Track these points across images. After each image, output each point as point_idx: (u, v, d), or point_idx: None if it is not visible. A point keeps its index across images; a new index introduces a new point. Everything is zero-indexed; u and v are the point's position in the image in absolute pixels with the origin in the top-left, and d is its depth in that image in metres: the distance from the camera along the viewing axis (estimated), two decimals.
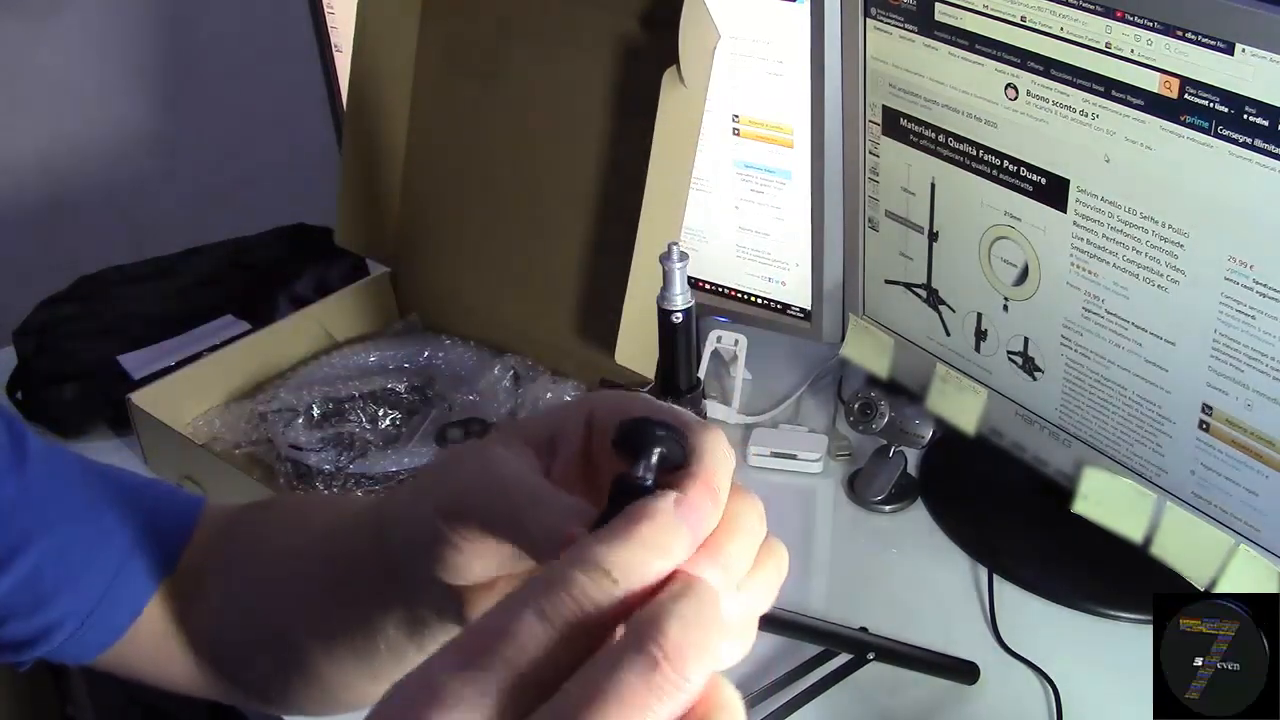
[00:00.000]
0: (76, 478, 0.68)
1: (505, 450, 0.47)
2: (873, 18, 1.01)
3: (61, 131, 1.86)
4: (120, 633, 0.67)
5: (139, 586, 0.67)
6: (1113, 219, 0.88)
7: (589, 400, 0.48)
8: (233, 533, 0.69)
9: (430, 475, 0.51)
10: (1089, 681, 0.93)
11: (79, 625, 0.66)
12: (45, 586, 0.65)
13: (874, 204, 1.09)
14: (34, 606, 0.65)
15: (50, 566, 0.65)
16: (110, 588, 0.66)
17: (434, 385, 1.23)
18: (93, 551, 0.66)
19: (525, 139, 1.19)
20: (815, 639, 0.92)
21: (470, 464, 0.48)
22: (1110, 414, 0.95)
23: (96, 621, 0.67)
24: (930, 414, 1.10)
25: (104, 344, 1.29)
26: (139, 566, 0.67)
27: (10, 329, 1.34)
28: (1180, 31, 0.79)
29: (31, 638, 0.66)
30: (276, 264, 1.41)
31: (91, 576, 0.66)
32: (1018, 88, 0.92)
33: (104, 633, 0.67)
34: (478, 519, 0.46)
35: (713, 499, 0.39)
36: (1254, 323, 0.82)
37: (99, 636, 0.67)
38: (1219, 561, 0.88)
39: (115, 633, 0.67)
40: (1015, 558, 1.04)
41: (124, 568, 0.67)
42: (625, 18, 1.09)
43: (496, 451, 0.47)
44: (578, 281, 1.17)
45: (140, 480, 0.71)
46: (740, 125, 1.15)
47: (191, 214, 1.89)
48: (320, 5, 1.41)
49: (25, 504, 0.65)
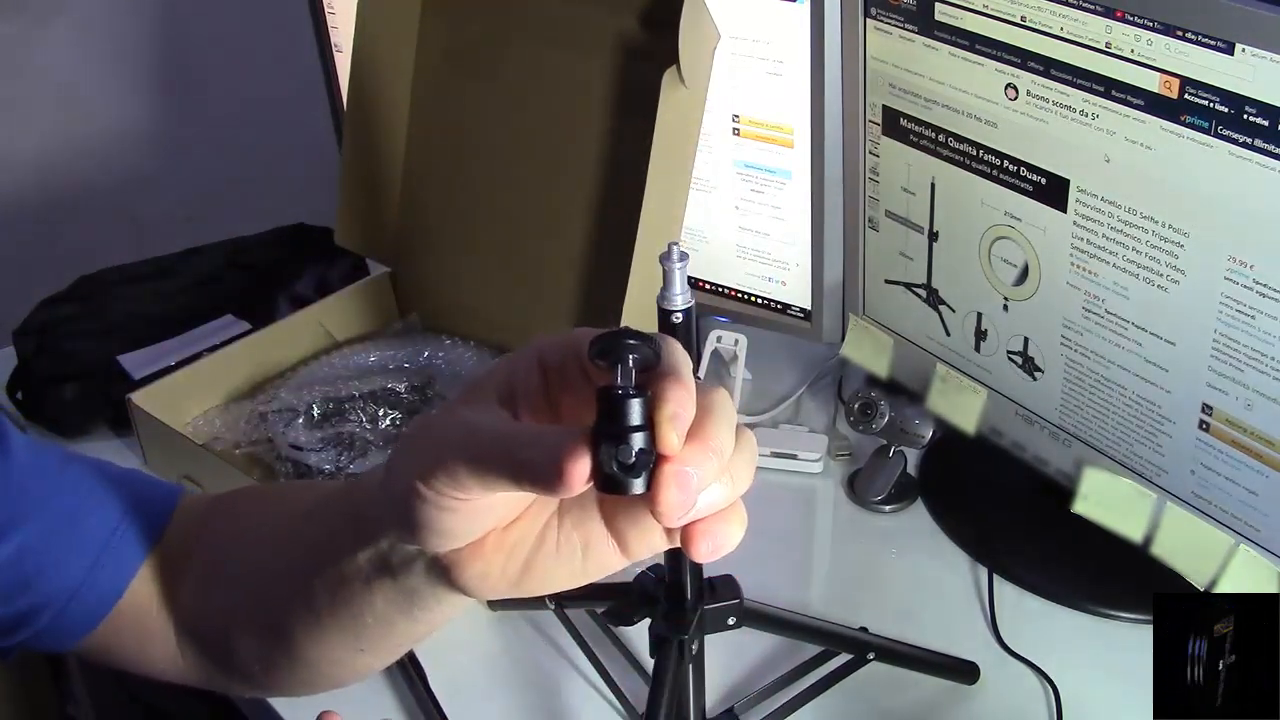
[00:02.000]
0: (55, 466, 0.68)
1: (475, 408, 0.48)
2: (873, 18, 1.01)
3: (61, 131, 1.86)
4: (103, 615, 0.67)
5: (121, 570, 0.68)
6: (1113, 219, 0.88)
7: (534, 346, 0.49)
8: (212, 518, 0.69)
9: (400, 455, 0.51)
10: (1089, 681, 0.93)
11: (62, 608, 0.67)
12: (28, 570, 0.65)
13: (874, 204, 1.09)
14: (17, 590, 0.65)
15: (32, 550, 0.65)
16: (92, 571, 0.67)
17: (434, 385, 1.23)
18: (74, 535, 0.67)
19: (525, 139, 1.19)
20: (815, 639, 0.92)
21: (444, 426, 0.48)
22: (1110, 414, 0.95)
23: (79, 604, 0.67)
24: (930, 414, 1.10)
25: (104, 344, 1.29)
26: (120, 550, 0.68)
27: (10, 329, 1.34)
28: (1180, 31, 0.79)
29: (14, 623, 0.66)
30: (276, 264, 1.41)
31: (74, 560, 0.67)
32: (1018, 88, 0.92)
33: (86, 616, 0.67)
34: (466, 469, 0.46)
35: (687, 390, 0.44)
36: (1254, 323, 0.82)
37: (82, 620, 0.68)
38: (1219, 561, 0.88)
39: (97, 616, 0.68)
40: (1015, 558, 1.04)
41: (106, 551, 0.67)
42: (625, 18, 1.09)
43: (466, 410, 0.48)
44: (578, 281, 1.17)
45: (118, 469, 0.71)
46: (740, 125, 1.15)
47: (191, 214, 1.89)
48: (320, 5, 1.41)
49: (5, 490, 0.65)
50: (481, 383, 0.49)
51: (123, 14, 1.86)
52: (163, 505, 0.70)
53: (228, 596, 0.65)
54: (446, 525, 0.48)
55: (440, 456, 0.47)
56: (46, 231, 1.87)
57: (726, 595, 0.83)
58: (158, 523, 0.69)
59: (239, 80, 1.92)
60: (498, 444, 0.45)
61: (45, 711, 1.62)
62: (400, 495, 0.48)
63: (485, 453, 0.45)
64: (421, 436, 0.49)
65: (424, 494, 0.47)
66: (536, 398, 0.48)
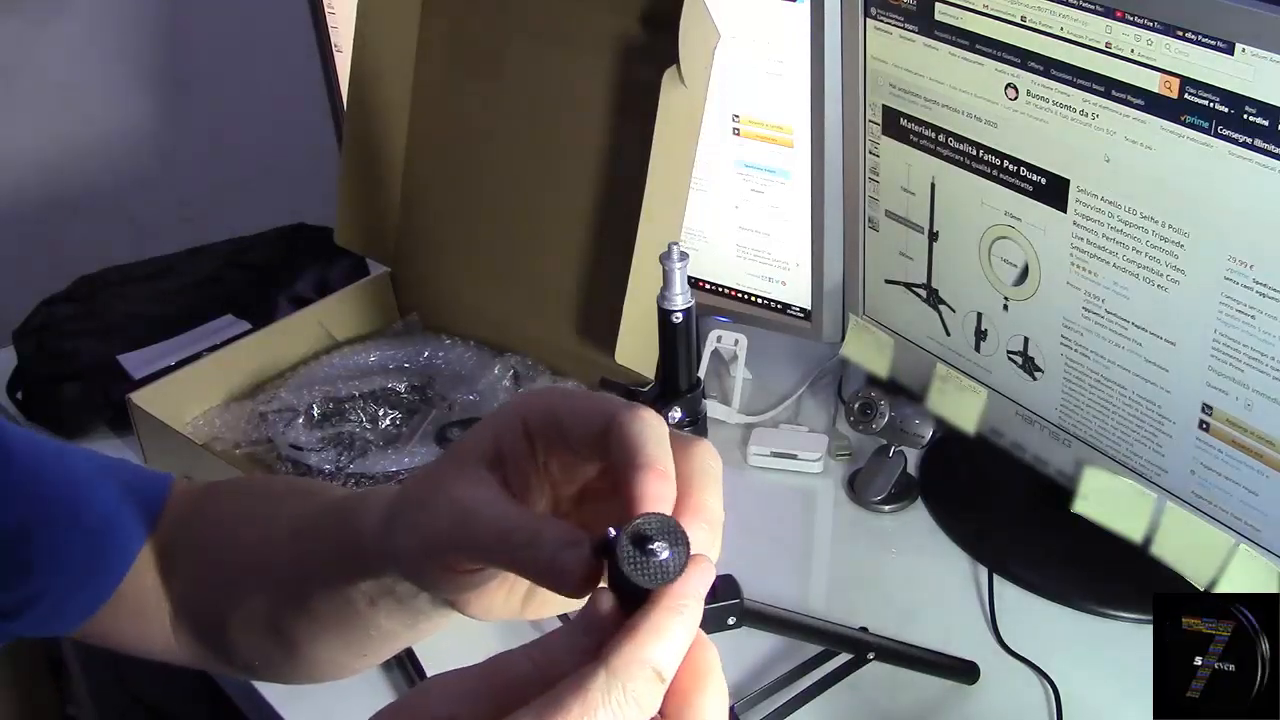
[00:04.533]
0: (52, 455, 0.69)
1: (467, 482, 0.47)
2: (873, 18, 1.01)
3: (61, 131, 1.86)
4: (104, 600, 0.68)
5: (121, 555, 0.68)
6: (1113, 219, 0.88)
7: (516, 410, 0.48)
8: (205, 509, 0.69)
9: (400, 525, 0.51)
10: (1089, 681, 0.93)
11: (63, 593, 0.67)
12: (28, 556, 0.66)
13: (874, 204, 1.09)
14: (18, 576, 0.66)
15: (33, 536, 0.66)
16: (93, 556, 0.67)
17: (434, 385, 1.23)
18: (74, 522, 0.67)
19: (525, 138, 1.19)
20: (815, 639, 0.92)
21: (441, 507, 0.48)
22: (1110, 414, 0.95)
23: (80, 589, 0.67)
24: (930, 414, 1.10)
25: (104, 344, 1.29)
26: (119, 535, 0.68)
27: (10, 329, 1.34)
28: (1180, 31, 0.79)
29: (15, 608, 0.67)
30: (276, 264, 1.41)
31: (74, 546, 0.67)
32: (1018, 88, 0.92)
33: (88, 601, 0.68)
34: (468, 557, 0.47)
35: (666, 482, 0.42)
36: (1254, 323, 0.82)
37: (83, 604, 0.68)
38: (1219, 561, 0.88)
39: (98, 601, 0.68)
40: (1015, 558, 1.04)
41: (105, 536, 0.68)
42: (625, 18, 1.09)
43: (462, 488, 0.47)
44: (578, 281, 1.17)
45: (109, 458, 0.72)
46: (740, 125, 1.15)
47: (191, 214, 1.89)
48: (320, 5, 1.41)
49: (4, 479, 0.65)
50: (468, 448, 0.49)
51: (123, 14, 1.86)
52: (156, 492, 0.70)
53: (223, 594, 0.66)
54: (451, 586, 0.50)
55: (441, 542, 0.48)
56: (46, 231, 1.87)
57: (726, 595, 0.83)
58: (154, 509, 0.70)
59: (239, 80, 1.91)
60: (497, 539, 0.45)
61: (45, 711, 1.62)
62: (405, 560, 0.50)
63: (482, 544, 0.46)
64: (421, 512, 0.49)
65: (426, 567, 0.49)
66: (524, 461, 0.48)
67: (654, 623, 0.39)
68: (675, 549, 0.41)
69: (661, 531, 0.41)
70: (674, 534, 0.41)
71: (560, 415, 0.47)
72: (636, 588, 0.40)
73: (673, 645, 0.39)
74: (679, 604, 0.40)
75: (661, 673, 0.39)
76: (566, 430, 0.47)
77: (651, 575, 0.41)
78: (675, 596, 0.40)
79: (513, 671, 0.41)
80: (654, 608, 0.40)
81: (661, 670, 0.39)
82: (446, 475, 0.48)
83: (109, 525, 0.68)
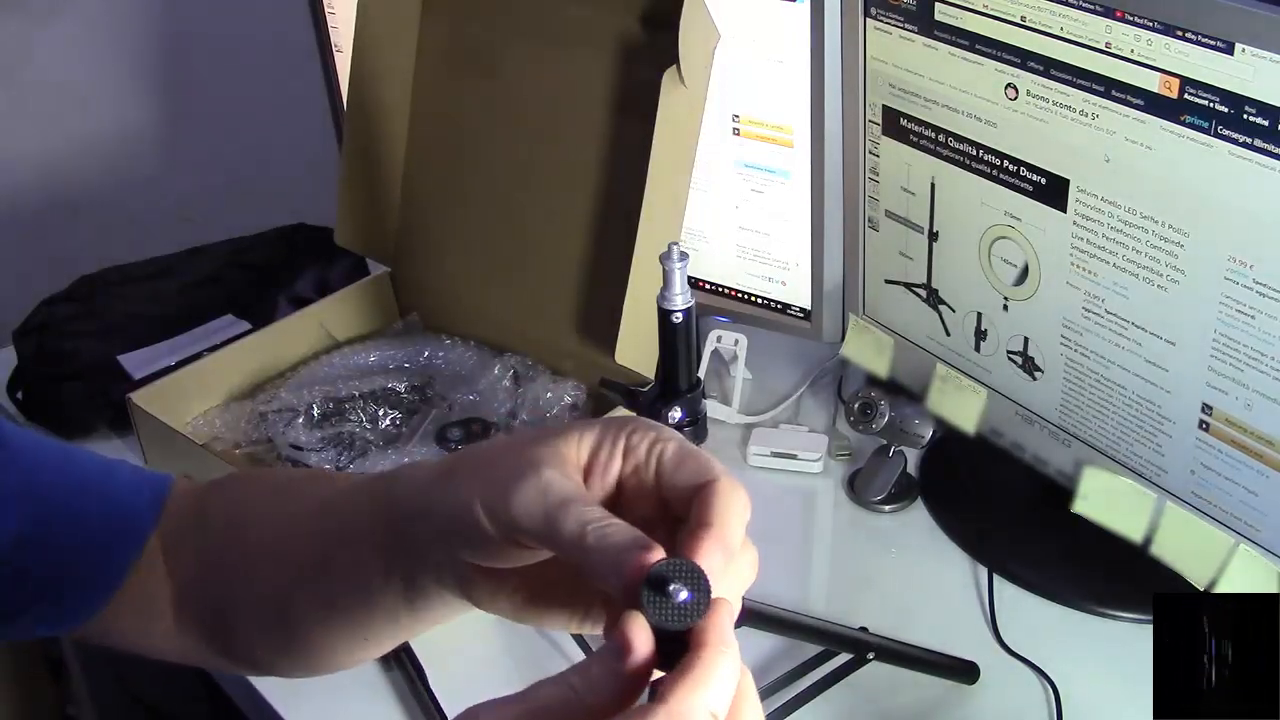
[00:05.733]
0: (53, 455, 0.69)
1: (557, 473, 0.48)
2: (873, 18, 1.01)
3: (61, 131, 1.86)
4: (107, 599, 0.68)
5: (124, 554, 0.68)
6: (1113, 219, 0.88)
7: (625, 423, 0.50)
8: (209, 504, 0.70)
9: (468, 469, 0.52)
10: (1089, 681, 0.93)
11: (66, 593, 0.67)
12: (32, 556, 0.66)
13: (874, 204, 1.09)
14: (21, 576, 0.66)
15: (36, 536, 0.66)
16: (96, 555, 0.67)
17: (434, 385, 1.23)
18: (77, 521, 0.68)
19: (525, 139, 1.19)
20: (815, 639, 0.92)
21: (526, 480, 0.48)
22: (1110, 414, 0.95)
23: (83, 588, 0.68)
24: (930, 414, 1.10)
25: (104, 344, 1.29)
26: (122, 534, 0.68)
27: (10, 329, 1.34)
28: (1180, 31, 0.79)
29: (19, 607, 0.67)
30: (276, 264, 1.41)
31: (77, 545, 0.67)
32: (1018, 88, 0.92)
33: (91, 600, 0.68)
34: (533, 534, 0.48)
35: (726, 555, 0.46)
36: (1254, 323, 0.82)
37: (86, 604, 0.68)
38: (1219, 561, 0.88)
39: (102, 600, 0.68)
40: (1015, 558, 1.04)
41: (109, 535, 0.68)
42: (625, 18, 1.09)
43: (550, 474, 0.48)
44: (578, 281, 1.17)
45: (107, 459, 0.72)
46: (740, 125, 1.15)
47: (191, 214, 1.89)
48: (320, 5, 1.41)
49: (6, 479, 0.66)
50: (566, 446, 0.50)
51: (123, 14, 1.86)
52: (156, 492, 0.70)
53: (230, 584, 0.66)
54: (494, 551, 0.50)
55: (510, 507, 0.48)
56: (46, 231, 1.87)
57: None
58: (155, 508, 0.70)
59: (239, 80, 1.91)
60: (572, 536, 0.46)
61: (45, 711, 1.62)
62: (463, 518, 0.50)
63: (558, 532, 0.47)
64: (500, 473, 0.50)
65: (483, 523, 0.49)
66: (608, 477, 0.50)
67: (708, 664, 0.42)
68: (696, 593, 0.43)
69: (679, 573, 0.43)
70: (695, 578, 0.43)
71: (668, 448, 0.49)
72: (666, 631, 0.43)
73: (726, 689, 0.42)
74: (728, 648, 0.43)
75: (716, 715, 0.42)
76: (667, 464, 0.49)
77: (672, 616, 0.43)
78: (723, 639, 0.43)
79: (554, 699, 0.43)
80: (707, 649, 0.42)
81: (717, 712, 0.42)
82: (537, 459, 0.49)
83: (112, 524, 0.68)
